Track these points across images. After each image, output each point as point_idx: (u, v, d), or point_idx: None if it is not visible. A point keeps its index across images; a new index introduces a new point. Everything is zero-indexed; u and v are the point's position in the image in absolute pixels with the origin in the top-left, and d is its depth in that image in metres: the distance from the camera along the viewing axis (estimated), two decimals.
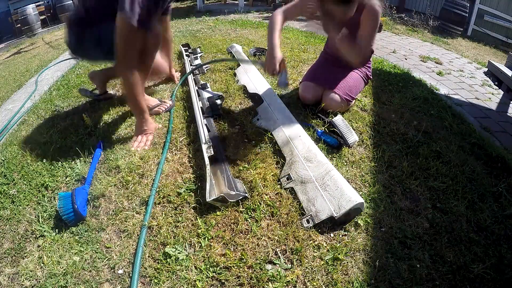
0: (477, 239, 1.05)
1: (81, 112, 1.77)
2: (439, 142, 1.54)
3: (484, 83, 2.86)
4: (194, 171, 1.28)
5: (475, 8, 5.63)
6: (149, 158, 1.35)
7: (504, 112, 2.31)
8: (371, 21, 1.42)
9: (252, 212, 1.09)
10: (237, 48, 2.62)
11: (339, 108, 1.64)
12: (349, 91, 1.64)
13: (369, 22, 1.43)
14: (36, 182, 1.28)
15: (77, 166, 1.33)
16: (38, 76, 2.79)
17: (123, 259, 0.96)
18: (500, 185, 1.28)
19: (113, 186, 1.22)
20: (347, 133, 1.45)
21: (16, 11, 8.12)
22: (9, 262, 0.98)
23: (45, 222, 1.10)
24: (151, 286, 0.88)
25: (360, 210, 1.10)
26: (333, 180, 1.16)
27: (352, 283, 0.89)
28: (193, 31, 3.74)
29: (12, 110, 2.09)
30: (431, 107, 1.93)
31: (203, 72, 2.21)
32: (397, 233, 1.04)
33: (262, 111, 1.66)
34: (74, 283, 0.89)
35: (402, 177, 1.29)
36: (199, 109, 1.61)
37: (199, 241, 1.00)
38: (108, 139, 1.50)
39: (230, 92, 1.91)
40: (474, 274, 0.93)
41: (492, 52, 4.69)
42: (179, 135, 1.52)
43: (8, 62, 4.70)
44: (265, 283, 0.88)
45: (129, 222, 1.07)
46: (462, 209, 1.15)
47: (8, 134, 1.75)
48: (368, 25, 1.43)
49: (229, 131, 1.55)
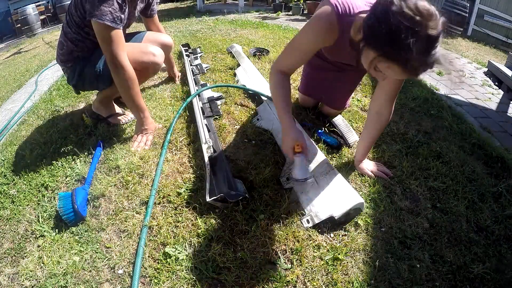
0: (477, 239, 1.05)
1: (81, 112, 1.77)
2: (439, 142, 1.54)
3: (484, 83, 2.86)
4: (194, 171, 1.28)
5: (475, 8, 5.62)
6: (149, 158, 1.35)
7: (504, 112, 2.31)
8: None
9: (252, 212, 1.09)
10: (237, 48, 2.62)
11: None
12: (347, 98, 1.63)
13: (395, 80, 1.09)
14: (36, 182, 1.28)
15: (77, 166, 1.33)
16: (38, 76, 2.79)
17: (123, 259, 0.96)
18: (500, 185, 1.28)
19: (113, 186, 1.22)
20: (347, 133, 1.45)
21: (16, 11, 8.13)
22: (9, 262, 0.98)
23: (45, 222, 1.10)
24: (151, 286, 0.88)
25: (360, 210, 1.10)
26: (333, 180, 1.16)
27: (352, 283, 0.89)
28: (193, 31, 3.74)
29: (12, 110, 2.09)
30: (431, 107, 1.93)
31: (203, 72, 2.21)
32: (397, 233, 1.04)
33: (262, 111, 1.66)
34: (74, 283, 0.89)
35: (402, 177, 1.29)
36: (199, 109, 1.61)
37: (199, 241, 1.00)
38: (108, 139, 1.50)
39: (230, 92, 1.90)
40: (474, 274, 0.93)
41: (492, 52, 4.68)
42: (179, 135, 1.52)
43: (8, 62, 4.70)
44: (265, 283, 0.88)
45: (129, 222, 1.07)
46: (462, 209, 1.15)
47: (8, 134, 1.76)
48: (395, 83, 1.11)
49: (229, 131, 1.55)
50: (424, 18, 0.73)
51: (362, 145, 1.27)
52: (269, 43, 3.07)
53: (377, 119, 1.20)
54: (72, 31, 1.38)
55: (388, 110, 1.17)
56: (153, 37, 1.70)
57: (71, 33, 1.39)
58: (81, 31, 1.37)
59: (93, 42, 1.37)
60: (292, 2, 6.23)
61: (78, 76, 1.48)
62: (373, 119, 1.21)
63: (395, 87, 1.11)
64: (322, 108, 1.67)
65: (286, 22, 4.99)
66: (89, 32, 1.36)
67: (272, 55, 2.62)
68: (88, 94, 2.00)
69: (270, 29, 3.93)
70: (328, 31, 1.05)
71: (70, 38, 1.40)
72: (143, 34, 1.69)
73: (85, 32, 1.37)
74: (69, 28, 1.39)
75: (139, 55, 1.45)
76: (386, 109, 1.16)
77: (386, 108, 1.16)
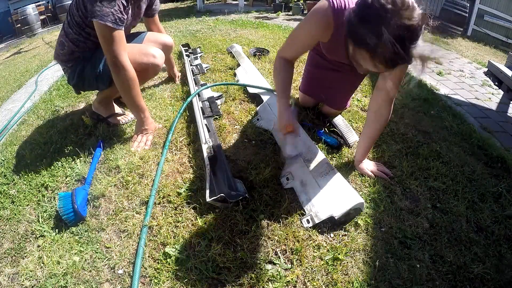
0: (477, 239, 1.05)
1: (81, 112, 1.77)
2: (439, 142, 1.54)
3: (484, 83, 2.86)
4: (194, 171, 1.28)
5: (475, 8, 5.63)
6: (149, 158, 1.35)
7: (504, 112, 2.31)
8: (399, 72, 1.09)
9: (252, 212, 1.09)
10: (237, 48, 2.62)
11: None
12: (347, 98, 1.63)
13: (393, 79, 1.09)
14: (36, 182, 1.28)
15: (77, 166, 1.33)
16: (38, 76, 2.79)
17: (123, 259, 0.96)
18: (500, 185, 1.28)
19: (113, 186, 1.22)
20: (347, 133, 1.45)
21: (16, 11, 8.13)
22: (9, 262, 0.98)
23: (45, 222, 1.10)
24: (151, 286, 0.88)
25: (360, 210, 1.10)
26: (333, 180, 1.16)
27: (352, 283, 0.89)
28: (193, 31, 3.74)
29: (12, 110, 2.09)
30: (431, 107, 1.93)
31: (203, 72, 2.21)
32: (397, 233, 1.04)
33: (262, 111, 1.66)
34: (74, 283, 0.89)
35: (402, 177, 1.29)
36: (199, 109, 1.61)
37: (199, 241, 1.00)
38: (108, 139, 1.50)
39: (230, 92, 1.90)
40: (474, 274, 0.93)
41: (492, 52, 4.68)
42: (179, 135, 1.52)
43: (8, 62, 4.70)
44: (265, 283, 0.88)
45: (129, 222, 1.07)
46: (462, 209, 1.15)
47: (8, 134, 1.76)
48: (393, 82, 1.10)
49: (229, 131, 1.55)
50: (396, 6, 0.75)
51: (362, 145, 1.27)
52: (269, 43, 3.07)
53: (376, 119, 1.20)
54: (73, 32, 1.38)
55: (387, 109, 1.17)
56: (154, 37, 1.70)
57: (72, 33, 1.38)
58: (82, 31, 1.37)
59: (94, 42, 1.37)
60: (292, 2, 6.23)
61: (78, 76, 1.48)
62: (372, 119, 1.21)
63: (394, 84, 1.12)
64: (322, 108, 1.67)
65: (286, 22, 4.99)
66: (90, 32, 1.36)
67: (272, 55, 2.61)
68: (88, 94, 2.00)
69: (270, 29, 3.93)
70: (323, 26, 1.08)
71: (71, 38, 1.40)
72: (144, 35, 1.69)
73: (86, 32, 1.37)
74: (70, 28, 1.38)
75: (139, 57, 1.45)
76: (385, 108, 1.16)
77: (385, 108, 1.16)
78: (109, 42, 1.26)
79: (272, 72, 1.28)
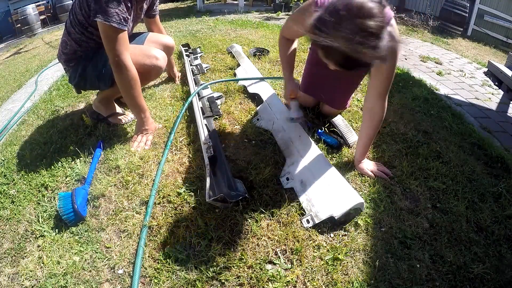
0: (477, 239, 1.05)
1: (81, 112, 1.77)
2: (439, 142, 1.54)
3: (484, 83, 2.86)
4: (194, 171, 1.28)
5: (475, 8, 5.63)
6: (149, 158, 1.35)
7: (504, 112, 2.31)
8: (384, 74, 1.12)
9: (252, 212, 1.09)
10: (237, 48, 2.62)
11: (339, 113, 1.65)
12: (347, 98, 1.63)
13: (379, 76, 1.14)
14: (36, 182, 1.28)
15: (77, 166, 1.33)
16: (38, 76, 2.79)
17: (123, 259, 0.96)
18: (500, 185, 1.28)
19: (113, 186, 1.22)
20: (347, 133, 1.45)
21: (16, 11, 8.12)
22: (9, 262, 0.98)
23: (45, 222, 1.10)
24: (151, 286, 0.88)
25: (360, 210, 1.10)
26: (333, 180, 1.16)
27: (352, 283, 0.89)
28: (193, 31, 3.74)
29: (12, 110, 2.09)
30: (431, 107, 1.93)
31: (203, 72, 2.21)
32: (397, 233, 1.04)
33: (262, 111, 1.66)
34: (74, 283, 0.89)
35: (402, 177, 1.29)
36: (199, 109, 1.62)
37: (199, 241, 1.00)
38: (108, 139, 1.50)
39: (230, 92, 1.90)
40: (474, 274, 0.93)
41: (492, 52, 4.69)
42: (179, 135, 1.52)
43: (8, 62, 4.70)
44: (265, 283, 0.88)
45: (129, 222, 1.07)
46: (462, 209, 1.15)
47: (8, 134, 1.76)
48: (380, 79, 1.15)
49: (229, 131, 1.55)
50: (350, 13, 0.78)
51: (361, 144, 1.28)
52: (269, 43, 3.07)
53: (370, 116, 1.22)
54: (76, 31, 1.38)
55: (379, 105, 1.18)
56: (155, 38, 1.70)
57: (75, 32, 1.38)
58: (85, 31, 1.37)
59: (97, 42, 1.37)
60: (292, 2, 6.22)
61: (80, 76, 1.48)
62: (367, 117, 1.23)
63: (382, 82, 1.15)
64: (322, 108, 1.67)
65: None
66: (93, 32, 1.36)
67: (272, 55, 2.61)
68: (88, 94, 2.00)
69: (270, 29, 3.93)
70: (305, 22, 1.09)
71: (73, 38, 1.40)
72: (145, 35, 1.69)
73: (89, 32, 1.37)
74: (72, 28, 1.38)
75: (142, 58, 1.45)
76: (378, 105, 1.18)
77: (378, 104, 1.18)
78: (112, 42, 1.26)
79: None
